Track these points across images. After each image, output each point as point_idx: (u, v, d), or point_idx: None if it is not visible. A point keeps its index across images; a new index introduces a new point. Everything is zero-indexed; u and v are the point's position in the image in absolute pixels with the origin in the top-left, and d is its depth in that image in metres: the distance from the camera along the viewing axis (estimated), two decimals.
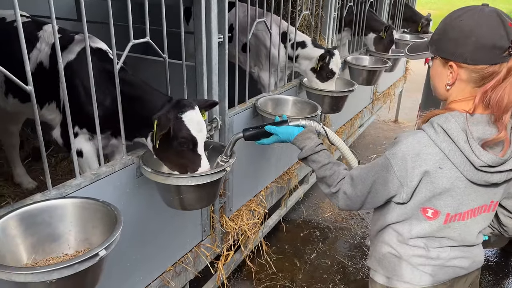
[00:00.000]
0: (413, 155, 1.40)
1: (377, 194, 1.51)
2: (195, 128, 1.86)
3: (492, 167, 1.35)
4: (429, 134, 1.40)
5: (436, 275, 1.54)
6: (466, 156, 1.35)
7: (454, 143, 1.36)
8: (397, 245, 1.57)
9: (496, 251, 3.81)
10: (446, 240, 1.52)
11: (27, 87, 1.49)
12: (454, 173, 1.38)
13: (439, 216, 1.46)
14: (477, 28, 1.32)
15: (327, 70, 3.25)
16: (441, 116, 1.40)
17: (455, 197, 1.42)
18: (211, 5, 2.19)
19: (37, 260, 1.53)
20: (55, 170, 3.38)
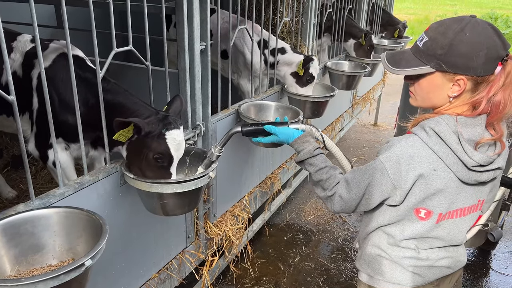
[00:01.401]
0: (407, 158, 1.43)
1: (371, 197, 1.53)
2: (174, 148, 1.86)
3: (483, 166, 1.41)
4: (422, 137, 1.44)
5: (425, 276, 1.59)
6: (459, 157, 1.39)
7: (447, 145, 1.40)
8: (387, 247, 1.61)
9: (474, 250, 3.92)
10: (436, 240, 1.56)
11: (9, 97, 1.48)
12: (448, 174, 1.43)
13: (431, 216, 1.50)
14: (485, 40, 1.35)
15: (307, 75, 3.31)
16: (432, 119, 1.44)
17: (447, 197, 1.47)
18: (193, 13, 2.21)
19: (20, 272, 1.51)
20: (36, 179, 3.33)
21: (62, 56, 2.15)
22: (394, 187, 1.47)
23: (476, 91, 1.40)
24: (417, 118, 1.51)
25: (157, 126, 1.84)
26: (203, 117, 2.50)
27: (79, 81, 2.00)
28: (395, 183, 1.46)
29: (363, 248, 1.71)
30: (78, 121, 1.83)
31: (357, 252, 1.84)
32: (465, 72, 1.38)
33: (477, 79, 1.38)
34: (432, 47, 1.42)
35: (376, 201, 1.55)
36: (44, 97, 1.65)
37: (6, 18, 2.58)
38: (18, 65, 2.25)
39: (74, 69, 1.73)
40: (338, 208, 1.63)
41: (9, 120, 2.39)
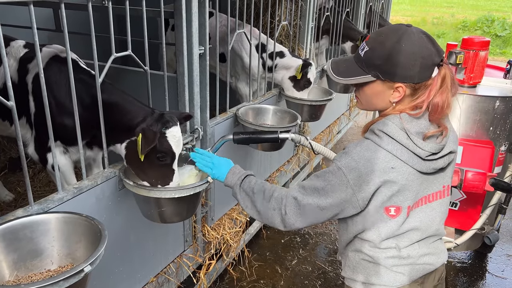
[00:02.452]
0: (364, 162, 1.47)
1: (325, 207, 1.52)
2: (175, 145, 1.90)
3: (435, 154, 1.49)
4: (374, 140, 1.50)
5: (409, 274, 1.61)
6: (412, 151, 1.46)
7: (398, 142, 1.47)
8: (369, 250, 1.61)
9: (471, 253, 3.94)
10: (412, 232, 1.58)
11: (9, 102, 1.48)
12: (406, 169, 1.48)
13: (401, 212, 1.53)
14: (420, 50, 1.43)
15: (304, 80, 3.33)
16: (378, 122, 1.52)
17: (411, 190, 1.51)
18: (192, 17, 2.22)
19: (19, 277, 1.51)
20: (33, 182, 3.32)
21: (54, 59, 2.15)
22: (353, 192, 1.48)
23: (416, 95, 1.48)
24: (366, 124, 1.59)
25: (156, 126, 1.86)
26: (201, 121, 2.50)
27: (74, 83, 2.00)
28: (355, 188, 1.48)
29: (345, 257, 1.72)
30: (77, 123, 1.83)
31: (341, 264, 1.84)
32: (402, 80, 1.46)
33: (415, 86, 1.47)
34: (372, 57, 1.48)
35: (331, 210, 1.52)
36: (43, 101, 1.65)
37: (3, 21, 2.59)
38: (13, 71, 2.24)
39: (68, 71, 1.73)
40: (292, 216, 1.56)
41: (4, 124, 2.39)
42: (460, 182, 2.47)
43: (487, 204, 3.13)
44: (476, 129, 3.10)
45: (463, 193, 2.97)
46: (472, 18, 18.68)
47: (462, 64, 3.12)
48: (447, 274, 3.63)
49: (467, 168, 2.53)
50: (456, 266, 3.76)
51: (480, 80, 3.23)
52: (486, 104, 3.05)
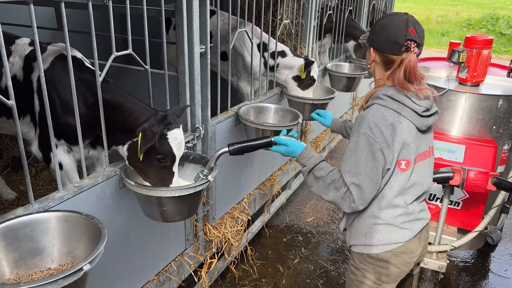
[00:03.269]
0: (380, 120, 1.73)
1: (373, 171, 1.72)
2: (176, 147, 1.90)
3: (428, 110, 1.80)
4: (380, 103, 1.77)
5: (413, 229, 1.87)
6: (411, 108, 1.76)
7: (400, 102, 1.75)
8: (380, 213, 1.83)
9: (474, 252, 3.92)
10: (415, 188, 1.84)
11: (9, 101, 1.48)
12: (409, 124, 1.76)
13: (410, 165, 1.79)
14: (390, 26, 1.77)
15: (308, 78, 3.32)
16: (381, 89, 1.81)
17: (413, 144, 1.78)
18: (193, 16, 2.22)
19: (19, 275, 1.52)
20: (36, 180, 3.34)
21: (60, 58, 2.16)
22: (382, 148, 1.71)
23: (386, 67, 1.81)
24: (366, 95, 1.89)
25: (158, 127, 1.86)
26: (202, 120, 2.51)
27: (77, 82, 2.00)
28: (382, 145, 1.71)
29: (354, 225, 1.91)
30: (77, 123, 1.84)
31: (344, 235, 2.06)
32: (371, 44, 1.85)
33: (383, 56, 1.80)
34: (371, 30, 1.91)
35: (379, 173, 1.74)
36: (44, 100, 1.65)
37: (6, 20, 2.60)
38: (19, 68, 2.25)
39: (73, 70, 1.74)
40: (358, 200, 1.74)
41: (9, 122, 2.40)
42: (462, 181, 2.46)
43: (490, 204, 3.12)
44: (479, 128, 3.08)
45: (465, 192, 2.96)
46: (477, 16, 18.56)
47: (465, 63, 3.10)
48: (450, 274, 3.61)
49: (469, 167, 2.52)
50: (459, 265, 3.75)
51: (483, 79, 3.21)
52: (489, 103, 3.03)
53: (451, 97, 3.09)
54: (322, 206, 4.56)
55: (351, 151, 1.75)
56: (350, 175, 1.73)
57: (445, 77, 3.41)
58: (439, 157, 2.99)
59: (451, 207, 3.01)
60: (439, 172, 2.51)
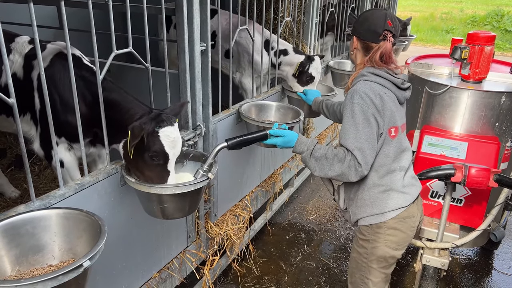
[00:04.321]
0: (369, 90, 1.94)
1: (371, 136, 1.91)
2: (169, 145, 1.86)
3: (405, 82, 2.07)
4: (365, 79, 2.00)
5: (411, 193, 2.08)
6: (391, 81, 2.01)
7: (381, 77, 2.00)
8: (381, 180, 2.02)
9: (477, 249, 3.91)
10: (407, 152, 2.09)
11: (10, 99, 1.49)
12: (391, 94, 2.01)
13: (398, 131, 2.02)
14: (370, 19, 2.04)
15: (306, 75, 3.33)
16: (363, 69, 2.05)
17: (397, 113, 2.02)
18: (194, 14, 2.22)
19: (21, 272, 1.53)
20: (39, 178, 3.36)
21: (59, 56, 2.17)
22: (374, 115, 1.91)
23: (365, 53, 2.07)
24: (351, 77, 2.11)
25: (149, 124, 1.84)
26: (203, 118, 2.51)
27: (77, 80, 2.02)
28: (374, 111, 1.92)
29: (359, 199, 2.08)
30: (78, 120, 1.85)
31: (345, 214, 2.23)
32: (354, 33, 2.11)
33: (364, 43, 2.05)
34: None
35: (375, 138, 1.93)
36: (44, 98, 1.67)
37: (7, 19, 2.62)
38: (19, 67, 2.27)
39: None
40: (363, 164, 1.90)
41: (8, 120, 2.42)
42: (463, 178, 2.45)
43: (493, 201, 3.10)
44: (481, 125, 3.07)
45: (467, 189, 2.95)
46: (482, 13, 18.45)
47: (467, 59, 3.09)
48: (453, 271, 3.60)
49: (471, 164, 2.51)
50: (462, 263, 3.74)
51: (485, 76, 3.19)
52: (491, 100, 3.01)
53: (454, 94, 3.08)
54: (325, 204, 4.56)
55: (349, 121, 1.93)
56: (352, 140, 1.90)
57: (447, 74, 3.40)
58: (441, 154, 2.98)
59: (453, 204, 3.00)
60: (441, 169, 2.50)
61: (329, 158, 1.96)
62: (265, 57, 3.38)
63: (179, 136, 1.92)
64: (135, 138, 1.77)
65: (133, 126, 1.79)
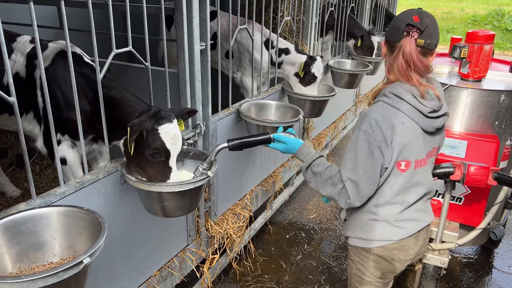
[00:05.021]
0: (382, 118, 1.72)
1: (371, 169, 1.73)
2: (170, 142, 1.87)
3: (436, 112, 1.77)
4: (385, 101, 1.75)
5: (408, 229, 1.87)
6: (417, 108, 1.73)
7: (405, 101, 1.73)
8: (376, 209, 1.84)
9: (477, 248, 3.91)
10: (418, 187, 1.84)
11: (10, 98, 1.51)
12: (413, 124, 1.75)
13: (410, 166, 1.79)
14: (397, 17, 1.80)
15: (309, 75, 3.33)
16: (388, 86, 1.79)
17: (416, 145, 1.77)
18: (193, 13, 2.23)
19: (22, 269, 1.54)
20: (40, 178, 3.37)
21: (60, 55, 2.19)
22: (380, 148, 1.71)
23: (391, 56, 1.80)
24: (374, 91, 1.85)
25: (149, 122, 1.85)
26: (203, 117, 2.52)
27: (78, 77, 2.03)
28: (381, 143, 1.71)
29: (353, 219, 1.93)
30: (78, 118, 1.86)
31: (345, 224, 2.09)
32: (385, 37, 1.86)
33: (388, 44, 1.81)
34: None
35: (377, 171, 1.74)
36: (44, 96, 1.68)
37: (7, 19, 2.63)
38: (21, 66, 2.28)
39: (73, 66, 1.76)
40: (353, 196, 1.75)
41: (11, 119, 2.43)
42: (462, 176, 2.45)
43: (493, 200, 3.11)
44: (481, 124, 3.08)
45: (467, 187, 2.95)
46: (482, 12, 18.44)
47: (466, 58, 3.09)
48: (453, 270, 3.61)
49: (470, 162, 2.51)
50: (462, 261, 3.74)
51: (485, 74, 3.19)
52: (491, 98, 3.02)
53: (453, 93, 3.09)
54: (325, 203, 4.57)
55: (351, 147, 1.76)
56: (347, 170, 1.75)
57: (447, 73, 3.40)
58: (441, 152, 2.98)
59: (453, 202, 3.00)
60: (440, 168, 2.50)
61: (323, 178, 1.83)
62: (266, 55, 3.39)
63: (179, 133, 1.94)
64: (134, 133, 1.79)
65: (132, 124, 1.81)
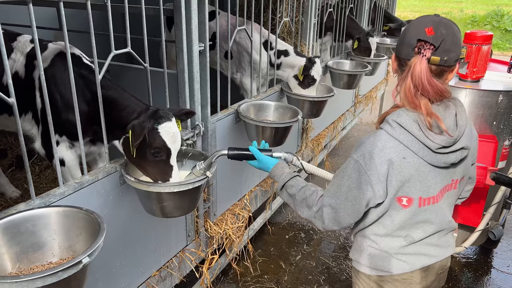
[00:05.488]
0: (378, 151, 1.52)
1: (356, 201, 1.58)
2: (170, 140, 1.89)
3: (446, 147, 1.51)
4: (387, 130, 1.54)
5: (412, 263, 1.67)
6: (423, 142, 1.50)
7: (410, 133, 1.50)
8: (377, 238, 1.69)
9: (476, 248, 3.92)
10: (427, 225, 1.64)
11: (9, 99, 1.52)
12: (417, 160, 1.52)
13: (413, 203, 1.58)
14: (409, 27, 1.54)
15: (309, 77, 3.34)
16: (393, 113, 1.55)
17: (422, 182, 1.55)
18: (192, 14, 2.24)
19: (21, 269, 1.55)
20: (39, 178, 3.38)
21: (60, 56, 2.20)
22: (372, 182, 1.53)
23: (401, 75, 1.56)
24: (382, 115, 1.62)
25: (148, 122, 1.87)
26: (202, 117, 2.53)
27: (76, 78, 2.03)
28: (373, 179, 1.53)
29: (355, 240, 1.80)
30: (77, 120, 1.87)
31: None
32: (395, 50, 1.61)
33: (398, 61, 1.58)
34: None
35: (362, 204, 1.58)
36: (44, 97, 1.69)
37: (7, 20, 2.64)
38: (21, 66, 2.29)
39: (72, 67, 1.77)
40: (328, 221, 1.64)
41: (10, 119, 2.44)
42: None
43: (491, 200, 3.12)
44: (479, 124, 3.09)
45: None
46: (481, 13, 18.48)
47: (464, 59, 3.10)
48: (452, 270, 3.62)
49: None
50: (461, 261, 3.75)
51: (483, 75, 3.20)
52: (489, 99, 3.03)
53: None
54: None
55: (340, 173, 1.63)
56: (330, 196, 1.64)
57: None
58: None
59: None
60: None
61: (298, 200, 1.73)
62: (265, 57, 3.40)
63: (178, 131, 1.96)
64: (138, 137, 1.79)
65: (133, 125, 1.82)
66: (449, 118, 1.52)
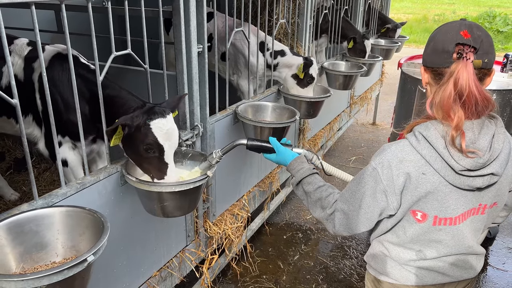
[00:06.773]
0: (397, 163, 1.45)
1: (369, 209, 1.53)
2: (163, 136, 1.88)
3: (472, 171, 1.40)
4: (411, 142, 1.46)
5: (423, 277, 1.61)
6: (446, 161, 1.40)
7: (434, 149, 1.41)
8: (390, 246, 1.64)
9: None
10: (441, 245, 1.56)
11: (13, 100, 1.53)
12: (437, 178, 1.43)
13: (427, 219, 1.51)
14: (437, 35, 1.45)
15: (308, 76, 3.38)
16: (422, 124, 1.47)
17: (440, 201, 1.47)
18: (190, 16, 2.27)
19: (25, 269, 1.56)
20: (38, 181, 3.38)
21: (57, 57, 2.22)
22: (387, 193, 1.48)
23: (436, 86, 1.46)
24: (411, 124, 1.54)
25: (141, 118, 1.87)
26: (201, 118, 2.55)
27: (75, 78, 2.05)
28: (388, 189, 1.48)
29: (372, 244, 1.76)
30: (79, 120, 1.88)
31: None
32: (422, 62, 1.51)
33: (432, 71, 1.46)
34: None
35: (375, 212, 1.54)
36: (46, 99, 1.71)
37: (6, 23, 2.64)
38: (19, 69, 2.31)
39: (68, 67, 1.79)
40: (339, 226, 1.60)
41: (9, 121, 2.46)
42: None
43: None
44: None
45: None
46: (474, 14, 18.66)
47: None
48: None
49: None
50: None
51: None
52: None
53: None
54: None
55: (357, 178, 1.57)
56: (343, 200, 1.59)
57: None
58: None
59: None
60: None
61: (313, 199, 1.68)
62: (261, 58, 3.43)
63: (174, 128, 1.94)
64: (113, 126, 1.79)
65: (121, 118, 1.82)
66: (483, 139, 1.40)
